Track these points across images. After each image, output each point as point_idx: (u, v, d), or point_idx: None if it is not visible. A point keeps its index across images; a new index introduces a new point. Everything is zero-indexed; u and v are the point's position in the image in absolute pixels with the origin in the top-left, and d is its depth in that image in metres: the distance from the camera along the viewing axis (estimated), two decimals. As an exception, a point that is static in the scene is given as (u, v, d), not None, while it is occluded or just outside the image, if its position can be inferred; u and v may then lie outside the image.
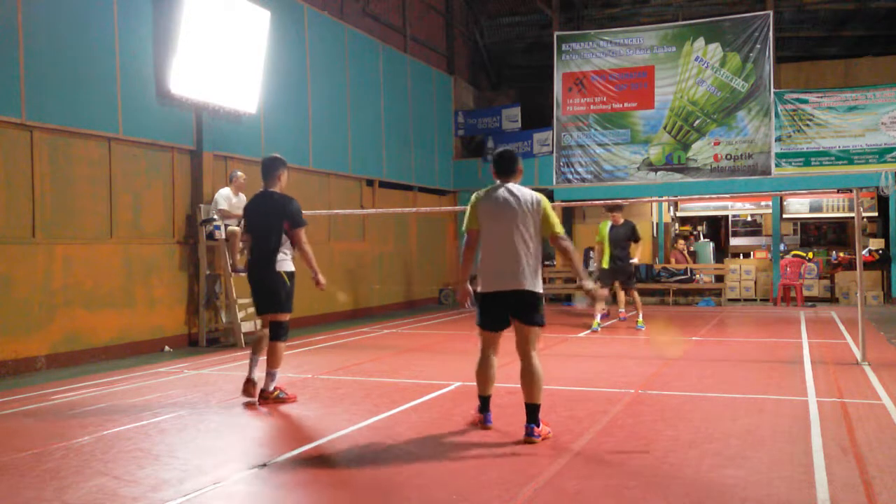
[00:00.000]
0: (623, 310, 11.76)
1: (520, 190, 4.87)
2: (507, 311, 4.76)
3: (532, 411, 4.64)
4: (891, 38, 17.68)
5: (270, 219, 5.86)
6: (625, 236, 10.72)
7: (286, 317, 5.93)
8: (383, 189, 14.70)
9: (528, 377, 4.67)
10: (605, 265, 10.84)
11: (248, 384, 5.93)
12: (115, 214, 8.98)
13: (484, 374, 4.85)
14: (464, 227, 4.96)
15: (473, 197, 4.94)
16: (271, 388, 5.90)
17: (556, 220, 4.82)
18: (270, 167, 6.02)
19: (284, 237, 5.88)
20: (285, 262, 5.92)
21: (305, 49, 12.29)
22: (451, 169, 17.57)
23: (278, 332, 5.89)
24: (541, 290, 4.80)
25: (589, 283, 5.02)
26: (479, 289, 4.86)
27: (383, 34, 15.25)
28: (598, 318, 10.76)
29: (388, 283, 14.84)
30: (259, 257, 5.90)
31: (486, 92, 20.27)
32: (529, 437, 4.58)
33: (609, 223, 10.83)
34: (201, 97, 9.75)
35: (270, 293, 5.87)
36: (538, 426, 4.62)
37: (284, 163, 6.12)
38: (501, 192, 4.85)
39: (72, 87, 8.31)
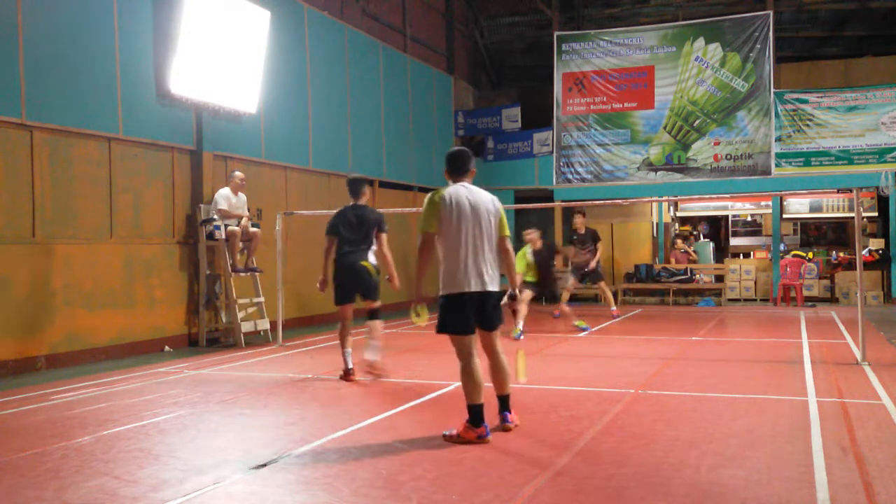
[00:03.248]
0: (615, 308, 12.43)
1: (478, 191, 4.86)
2: (474, 312, 4.71)
3: (506, 401, 4.93)
4: (891, 38, 17.69)
5: (365, 225, 6.93)
6: (590, 239, 12.08)
7: (378, 302, 7.07)
8: (383, 189, 14.70)
9: (501, 372, 4.87)
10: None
11: (348, 374, 6.88)
12: (115, 214, 8.98)
13: (474, 379, 4.65)
14: (421, 229, 4.78)
15: (432, 198, 4.74)
16: (375, 359, 6.85)
17: (506, 224, 4.94)
18: (357, 185, 7.13)
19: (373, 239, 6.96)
20: (372, 257, 7.02)
21: (305, 49, 12.29)
22: (451, 169, 17.55)
23: (377, 313, 7.08)
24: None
25: (518, 294, 5.05)
26: (442, 292, 4.74)
27: (383, 34, 15.25)
28: (519, 325, 10.08)
29: (388, 282, 14.81)
30: (355, 255, 6.88)
31: (486, 92, 20.27)
32: (507, 425, 4.86)
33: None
34: (201, 97, 9.75)
35: (366, 284, 6.97)
36: (510, 413, 4.91)
37: (368, 180, 7.23)
38: (464, 192, 4.77)
39: (72, 87, 8.32)
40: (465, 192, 4.79)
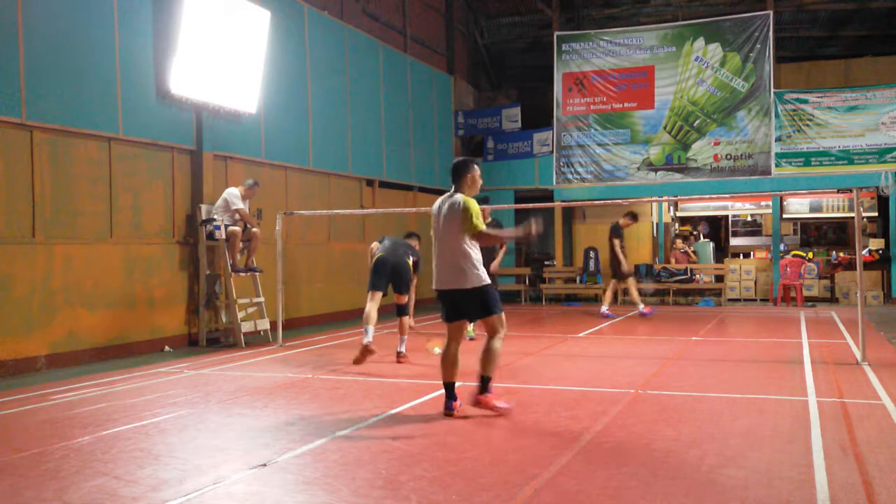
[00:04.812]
0: (606, 308, 12.57)
1: (455, 196, 5.25)
2: (454, 306, 5.31)
3: (484, 382, 5.24)
4: (891, 38, 17.68)
5: (404, 257, 8.13)
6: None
7: (406, 297, 7.98)
8: (383, 189, 14.70)
9: (485, 354, 5.24)
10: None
11: (367, 347, 7.38)
12: (115, 214, 8.98)
13: (445, 361, 5.35)
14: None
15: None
16: (404, 350, 7.95)
17: (475, 219, 5.11)
18: (410, 235, 8.53)
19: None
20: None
21: (305, 49, 12.29)
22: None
23: (406, 308, 8.01)
24: (481, 283, 5.18)
25: (526, 230, 5.26)
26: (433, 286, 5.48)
27: (383, 34, 15.25)
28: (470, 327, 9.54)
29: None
30: (397, 254, 7.90)
31: (486, 92, 20.26)
32: (475, 402, 5.23)
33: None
34: (201, 97, 9.75)
35: (404, 279, 7.87)
36: (483, 395, 5.20)
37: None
38: (441, 200, 5.33)
39: (72, 87, 8.31)
40: (443, 200, 5.31)
